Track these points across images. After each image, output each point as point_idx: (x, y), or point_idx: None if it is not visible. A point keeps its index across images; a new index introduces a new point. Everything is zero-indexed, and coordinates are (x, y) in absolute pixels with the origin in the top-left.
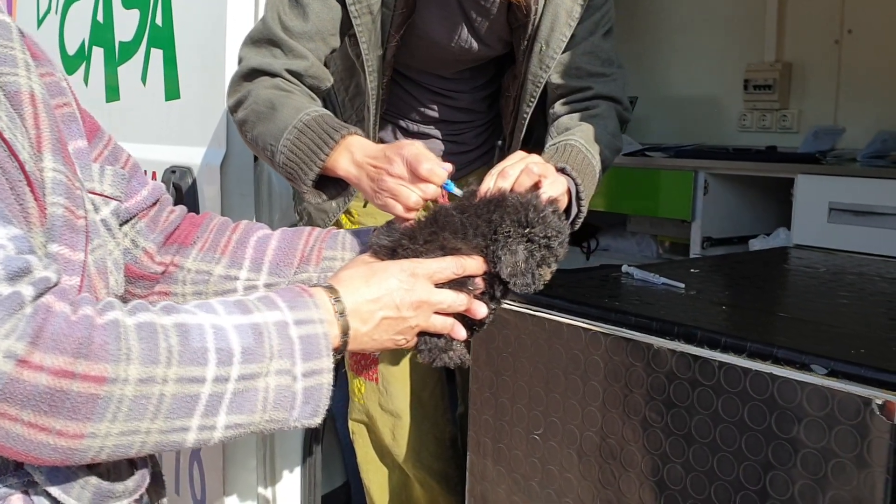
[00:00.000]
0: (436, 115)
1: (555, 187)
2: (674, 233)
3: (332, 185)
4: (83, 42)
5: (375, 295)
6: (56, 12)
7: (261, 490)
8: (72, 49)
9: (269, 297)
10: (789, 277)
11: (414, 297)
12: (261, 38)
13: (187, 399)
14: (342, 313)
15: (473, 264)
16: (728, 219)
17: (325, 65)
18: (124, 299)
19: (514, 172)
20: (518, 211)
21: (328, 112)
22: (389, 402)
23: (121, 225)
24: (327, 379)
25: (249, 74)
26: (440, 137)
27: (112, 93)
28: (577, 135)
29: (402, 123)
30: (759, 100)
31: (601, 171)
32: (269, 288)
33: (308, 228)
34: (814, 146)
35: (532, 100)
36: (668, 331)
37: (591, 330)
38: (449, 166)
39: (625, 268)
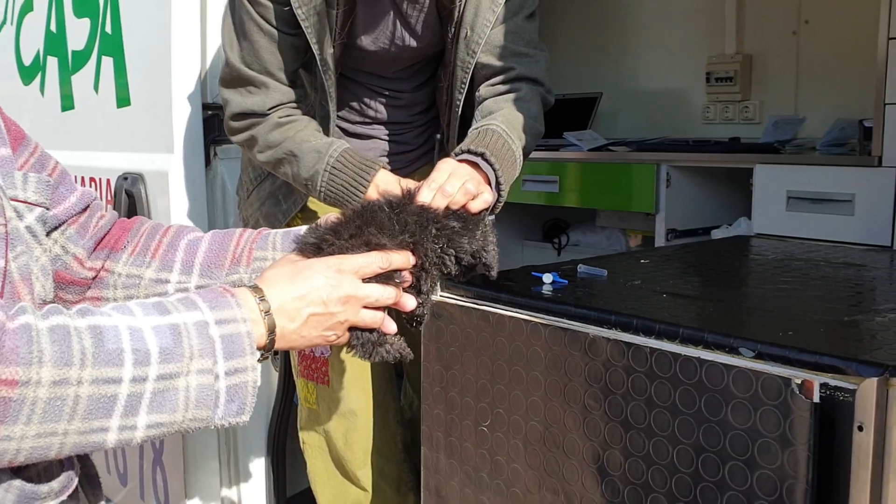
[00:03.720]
0: (378, 115)
1: (483, 200)
2: (641, 226)
3: None
4: (38, 52)
5: (301, 292)
6: (11, 23)
7: (225, 492)
8: (27, 59)
9: (190, 297)
10: (737, 265)
11: (341, 292)
12: (232, 80)
13: (104, 400)
14: (268, 312)
15: (399, 258)
16: (691, 210)
17: (294, 82)
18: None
19: (451, 190)
20: (461, 235)
21: (344, 146)
22: (343, 404)
23: (50, 231)
24: (252, 377)
25: (239, 116)
26: (382, 138)
27: (67, 102)
28: (498, 119)
29: (344, 125)
30: (722, 92)
31: (522, 157)
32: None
33: (239, 230)
34: (774, 136)
35: (463, 86)
36: (605, 320)
37: (531, 321)
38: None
39: (581, 268)
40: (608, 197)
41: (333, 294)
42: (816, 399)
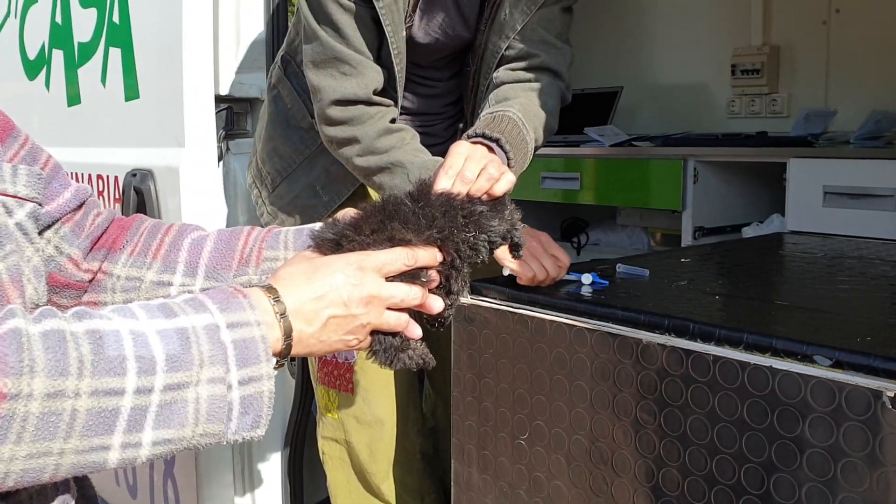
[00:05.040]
0: (411, 105)
1: (507, 181)
2: (665, 224)
3: None
4: (43, 45)
5: (320, 292)
6: (15, 16)
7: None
8: (32, 53)
9: (198, 298)
10: (785, 264)
11: (363, 292)
12: (324, 60)
13: (105, 414)
14: (283, 314)
15: (426, 255)
16: (720, 207)
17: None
18: None
19: (471, 176)
20: (490, 218)
21: None
22: (369, 412)
23: (43, 230)
24: (267, 386)
25: (341, 103)
26: (414, 129)
27: (73, 96)
28: (515, 107)
29: None
30: (748, 85)
31: (533, 149)
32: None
33: (248, 228)
34: (805, 129)
35: (489, 72)
36: (658, 324)
37: (575, 326)
38: None
39: (620, 267)
40: (630, 194)
41: (355, 294)
42: None
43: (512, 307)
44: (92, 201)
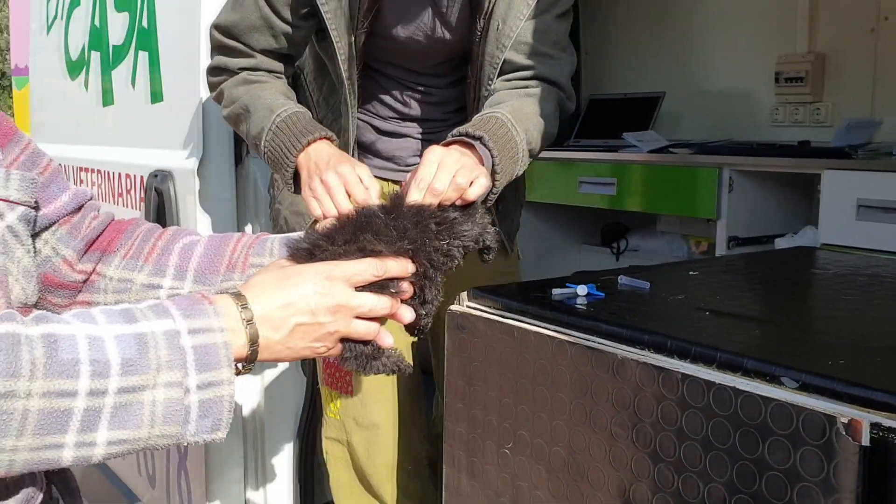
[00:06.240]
0: (411, 111)
1: (479, 185)
2: (702, 232)
3: None
4: (83, 47)
5: (287, 300)
6: (61, 18)
7: (249, 501)
8: (74, 54)
9: (163, 304)
10: (795, 280)
11: (330, 301)
12: (216, 47)
13: (57, 414)
14: (250, 321)
15: (396, 266)
16: (755, 217)
17: (288, 54)
18: (44, 309)
19: (441, 188)
20: (461, 223)
21: (299, 110)
22: (366, 416)
23: (41, 232)
24: (228, 391)
25: (213, 71)
26: (416, 136)
27: (107, 96)
28: (504, 108)
29: (376, 122)
30: (791, 93)
31: (527, 152)
32: None
33: (238, 234)
34: (846, 140)
35: (490, 82)
36: (638, 340)
37: (556, 338)
38: (377, 189)
39: (622, 279)
40: (669, 201)
41: (322, 303)
42: (866, 441)
43: (502, 316)
44: (90, 204)
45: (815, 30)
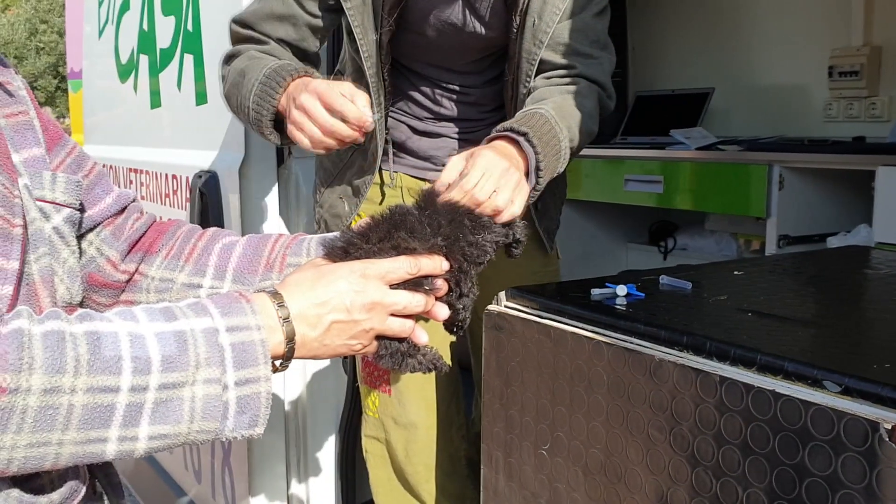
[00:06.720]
0: (447, 111)
1: (509, 213)
2: (751, 230)
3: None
4: (132, 50)
5: (323, 298)
6: (112, 22)
7: (291, 498)
8: (124, 58)
9: (201, 303)
10: (844, 280)
11: (366, 298)
12: (236, 39)
13: (101, 409)
14: (287, 319)
15: (430, 263)
16: (806, 215)
17: (302, 49)
18: (88, 308)
19: (482, 198)
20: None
21: (293, 64)
22: (403, 415)
23: (86, 233)
24: (265, 387)
25: (225, 59)
26: (452, 136)
27: (155, 99)
28: (548, 105)
29: (412, 122)
30: (846, 87)
31: (569, 150)
32: None
33: (276, 234)
34: None
35: (528, 79)
36: (677, 341)
37: (593, 339)
38: (364, 98)
39: (663, 279)
40: (717, 199)
41: (358, 300)
42: None
43: (539, 316)
44: (133, 206)
45: (871, 22)
